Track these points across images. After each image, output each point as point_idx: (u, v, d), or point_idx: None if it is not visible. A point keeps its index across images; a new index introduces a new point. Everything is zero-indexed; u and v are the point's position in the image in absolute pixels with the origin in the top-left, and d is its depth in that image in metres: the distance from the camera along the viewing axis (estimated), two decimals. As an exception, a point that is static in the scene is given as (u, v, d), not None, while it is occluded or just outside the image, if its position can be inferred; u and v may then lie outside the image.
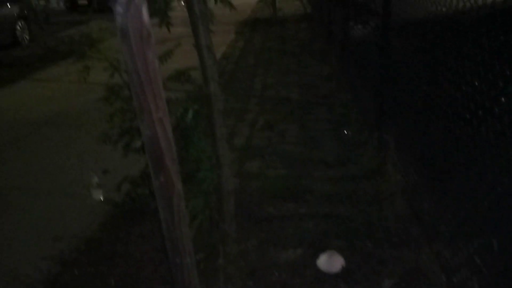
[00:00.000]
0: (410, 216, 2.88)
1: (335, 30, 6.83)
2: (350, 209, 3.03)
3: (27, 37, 10.60)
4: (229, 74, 6.94)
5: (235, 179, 2.75)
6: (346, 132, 4.34)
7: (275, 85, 6.15)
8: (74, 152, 4.34)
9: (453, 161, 2.28)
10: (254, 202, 3.20)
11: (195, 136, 1.76)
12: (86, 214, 3.22)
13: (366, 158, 3.63)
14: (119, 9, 0.87)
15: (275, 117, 4.91)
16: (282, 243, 2.72)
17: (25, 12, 10.64)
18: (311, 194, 3.25)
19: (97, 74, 2.09)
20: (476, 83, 1.89)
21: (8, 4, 10.03)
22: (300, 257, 2.60)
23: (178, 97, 1.80)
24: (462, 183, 2.22)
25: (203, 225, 1.95)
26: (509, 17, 1.65)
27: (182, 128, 1.76)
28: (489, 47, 1.76)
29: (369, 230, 2.76)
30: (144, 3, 0.88)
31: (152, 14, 0.97)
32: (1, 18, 9.59)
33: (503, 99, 1.67)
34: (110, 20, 1.90)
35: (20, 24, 10.29)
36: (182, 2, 1.74)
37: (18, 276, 2.63)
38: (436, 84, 2.46)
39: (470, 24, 2.01)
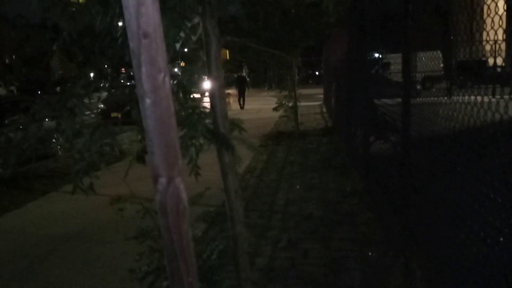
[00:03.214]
0: None
1: (356, 145, 7.00)
2: None
3: (61, 148, 11.18)
4: (252, 188, 7.06)
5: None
6: (370, 254, 4.26)
7: (298, 201, 6.21)
8: (97, 270, 4.35)
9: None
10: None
11: (219, 276, 1.78)
12: None
13: (393, 286, 3.52)
14: (159, 187, 0.97)
15: (298, 235, 4.89)
16: None
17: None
18: (337, 325, 3.12)
19: (125, 188, 2.19)
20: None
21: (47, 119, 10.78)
22: None
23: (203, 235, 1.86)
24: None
25: None
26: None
27: (207, 267, 1.79)
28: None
29: None
30: (182, 183, 0.98)
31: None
32: (42, 132, 10.24)
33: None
34: (140, 131, 2.05)
35: (55, 136, 10.93)
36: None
37: None
38: (468, 206, 2.27)
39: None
